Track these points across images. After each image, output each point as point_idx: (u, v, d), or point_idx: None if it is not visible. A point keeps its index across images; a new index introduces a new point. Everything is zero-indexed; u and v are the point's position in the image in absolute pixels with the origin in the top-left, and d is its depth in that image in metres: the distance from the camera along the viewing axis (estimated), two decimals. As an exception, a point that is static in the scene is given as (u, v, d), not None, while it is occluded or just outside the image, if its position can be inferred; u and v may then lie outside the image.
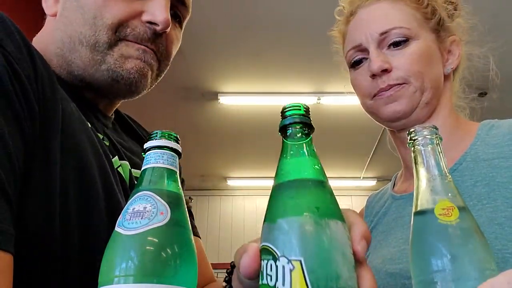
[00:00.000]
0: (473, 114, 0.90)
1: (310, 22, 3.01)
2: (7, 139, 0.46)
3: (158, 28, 0.68)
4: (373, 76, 0.80)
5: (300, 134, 0.42)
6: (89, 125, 0.65)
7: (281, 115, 0.43)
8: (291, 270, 0.34)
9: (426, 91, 0.79)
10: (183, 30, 0.81)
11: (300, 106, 0.42)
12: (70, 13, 0.68)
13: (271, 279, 0.35)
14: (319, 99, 4.00)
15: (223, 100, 3.98)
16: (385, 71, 0.78)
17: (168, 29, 0.69)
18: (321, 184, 0.39)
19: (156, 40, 0.70)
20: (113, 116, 0.80)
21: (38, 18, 0.76)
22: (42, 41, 0.70)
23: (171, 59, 0.77)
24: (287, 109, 0.42)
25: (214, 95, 3.93)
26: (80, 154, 0.57)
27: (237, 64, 3.53)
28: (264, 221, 0.39)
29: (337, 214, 0.38)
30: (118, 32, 0.66)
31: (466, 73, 0.89)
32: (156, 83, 0.77)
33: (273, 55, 3.41)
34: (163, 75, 0.77)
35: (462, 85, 0.90)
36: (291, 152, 0.41)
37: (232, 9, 2.93)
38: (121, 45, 0.67)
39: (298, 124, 0.42)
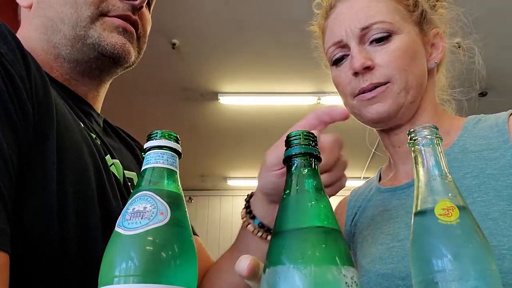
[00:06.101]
0: (462, 109, 0.88)
1: (310, 22, 3.01)
2: (1, 139, 0.46)
3: (136, 3, 0.72)
4: (355, 74, 0.75)
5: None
6: (82, 125, 0.65)
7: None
8: None
9: (411, 90, 0.75)
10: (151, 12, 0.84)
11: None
12: None
13: None
14: (319, 99, 3.99)
15: (223, 100, 3.98)
16: (368, 68, 0.74)
17: (144, 4, 0.73)
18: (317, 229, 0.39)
19: (136, 16, 0.73)
20: (102, 117, 0.81)
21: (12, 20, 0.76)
22: (23, 36, 0.68)
23: (146, 39, 0.80)
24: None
25: (214, 95, 3.93)
26: (76, 154, 0.58)
27: (237, 64, 3.53)
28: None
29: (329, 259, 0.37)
30: (100, 8, 0.69)
31: (450, 66, 0.86)
32: (137, 61, 0.80)
33: (273, 55, 3.41)
34: (142, 53, 0.79)
35: (449, 79, 0.87)
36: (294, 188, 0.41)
37: (232, 9, 2.93)
38: (102, 21, 0.70)
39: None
